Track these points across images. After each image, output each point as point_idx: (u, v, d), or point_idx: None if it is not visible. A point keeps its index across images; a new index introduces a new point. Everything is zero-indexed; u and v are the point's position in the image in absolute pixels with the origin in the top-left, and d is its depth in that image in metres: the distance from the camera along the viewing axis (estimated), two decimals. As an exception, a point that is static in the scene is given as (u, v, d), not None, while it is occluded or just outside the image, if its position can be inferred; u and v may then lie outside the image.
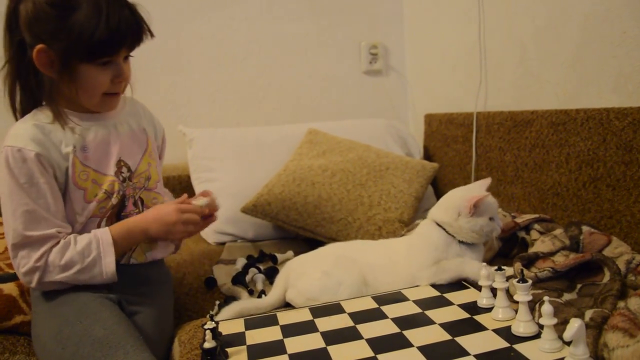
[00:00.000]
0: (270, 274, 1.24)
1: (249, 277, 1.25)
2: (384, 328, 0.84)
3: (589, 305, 0.83)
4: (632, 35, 1.19)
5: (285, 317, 0.93)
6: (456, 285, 0.98)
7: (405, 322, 0.85)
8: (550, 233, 1.12)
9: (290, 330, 0.88)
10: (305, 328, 0.88)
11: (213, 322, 0.79)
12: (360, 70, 2.17)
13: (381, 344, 0.79)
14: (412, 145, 1.95)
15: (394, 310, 0.91)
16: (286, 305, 1.07)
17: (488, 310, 0.85)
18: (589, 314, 0.78)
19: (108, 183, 0.99)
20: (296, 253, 1.31)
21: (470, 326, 0.81)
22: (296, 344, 0.82)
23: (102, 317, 0.89)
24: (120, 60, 0.97)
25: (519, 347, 0.73)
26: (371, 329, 0.84)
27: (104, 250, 0.94)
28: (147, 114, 1.15)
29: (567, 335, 0.65)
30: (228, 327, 0.90)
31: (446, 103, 1.94)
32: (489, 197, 1.01)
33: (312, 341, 0.83)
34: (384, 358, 0.75)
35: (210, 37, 1.96)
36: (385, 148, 1.79)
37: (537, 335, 0.74)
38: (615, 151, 1.19)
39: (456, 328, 0.81)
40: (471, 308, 0.88)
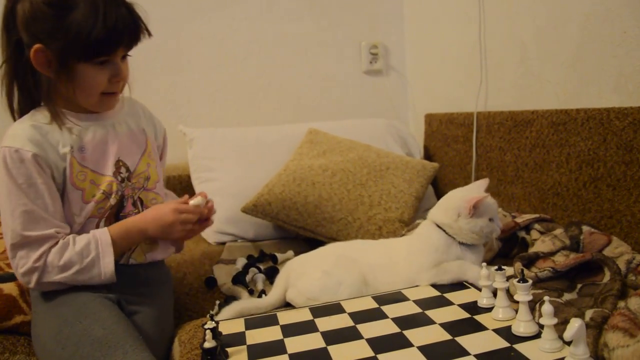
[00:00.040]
0: (271, 274, 1.24)
1: (249, 277, 1.25)
2: (384, 328, 0.84)
3: (589, 305, 0.82)
4: (633, 35, 1.19)
5: (286, 317, 0.93)
6: (456, 285, 0.98)
7: (406, 322, 0.85)
8: (550, 233, 1.12)
9: (291, 330, 0.88)
10: (306, 328, 0.88)
11: (213, 322, 0.79)
12: (361, 70, 2.17)
13: (381, 344, 0.79)
14: (413, 145, 1.95)
15: (394, 310, 0.91)
16: (286, 305, 1.07)
17: (488, 310, 0.85)
18: (589, 313, 0.78)
19: (106, 183, 0.98)
20: (296, 253, 1.31)
21: (471, 326, 0.81)
22: (296, 344, 0.82)
23: (102, 317, 0.89)
24: (117, 59, 0.96)
25: (519, 347, 0.73)
26: (371, 329, 0.84)
27: (102, 250, 0.94)
28: (147, 114, 1.14)
29: (568, 335, 0.65)
30: (228, 327, 0.90)
31: (446, 103, 1.94)
32: (489, 198, 1.01)
33: (313, 341, 0.83)
34: (384, 358, 0.75)
35: (211, 37, 1.96)
36: (386, 148, 1.79)
37: (538, 335, 0.74)
38: (615, 151, 1.19)
39: (456, 328, 0.81)
40: (471, 308, 0.88)
